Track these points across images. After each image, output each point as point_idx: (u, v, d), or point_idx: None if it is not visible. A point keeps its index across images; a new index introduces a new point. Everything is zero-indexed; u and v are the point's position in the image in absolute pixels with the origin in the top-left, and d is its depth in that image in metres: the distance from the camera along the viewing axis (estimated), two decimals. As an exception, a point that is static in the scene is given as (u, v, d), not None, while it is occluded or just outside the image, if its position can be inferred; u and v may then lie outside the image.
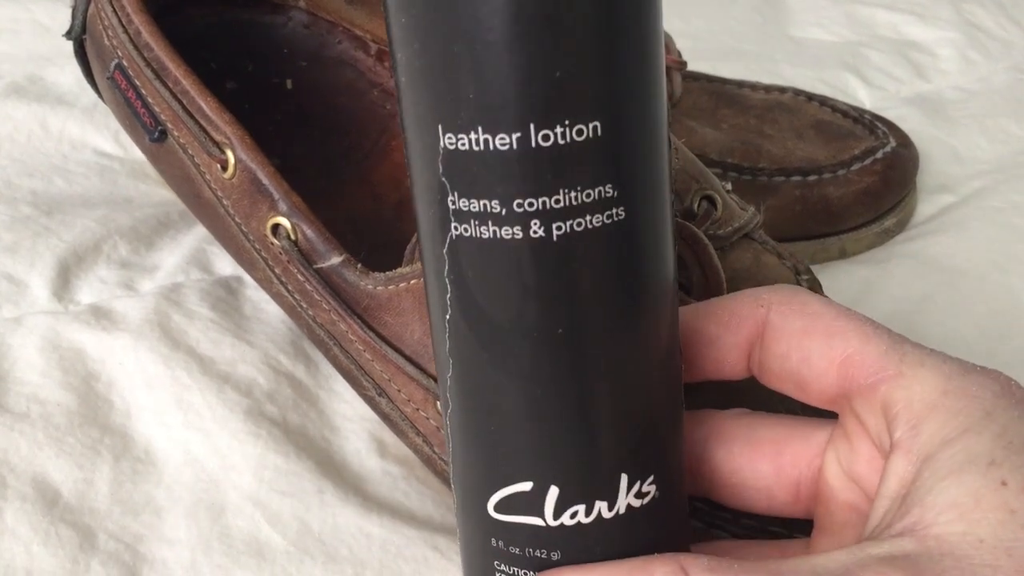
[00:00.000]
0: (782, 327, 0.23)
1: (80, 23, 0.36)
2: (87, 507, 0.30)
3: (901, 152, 0.45)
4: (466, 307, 0.19)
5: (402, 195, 0.39)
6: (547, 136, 0.17)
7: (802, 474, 0.24)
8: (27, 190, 0.43)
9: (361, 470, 0.32)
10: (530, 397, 0.20)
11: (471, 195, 0.18)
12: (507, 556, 0.21)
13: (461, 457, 0.22)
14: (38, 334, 0.35)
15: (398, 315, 0.29)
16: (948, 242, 0.45)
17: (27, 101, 0.48)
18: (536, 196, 0.18)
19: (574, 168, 0.18)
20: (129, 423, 0.33)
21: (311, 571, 0.29)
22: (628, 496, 0.21)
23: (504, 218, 0.18)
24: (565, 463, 0.20)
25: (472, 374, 0.20)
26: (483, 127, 0.17)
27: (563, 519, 0.20)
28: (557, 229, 0.18)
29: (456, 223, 0.19)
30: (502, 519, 0.21)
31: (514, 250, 0.18)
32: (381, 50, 0.40)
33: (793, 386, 0.23)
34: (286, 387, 0.35)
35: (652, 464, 0.21)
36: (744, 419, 0.25)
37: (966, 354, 0.39)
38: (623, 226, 0.19)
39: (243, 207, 0.32)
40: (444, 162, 0.18)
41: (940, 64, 0.61)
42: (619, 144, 0.18)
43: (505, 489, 0.21)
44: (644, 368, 0.20)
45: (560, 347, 0.19)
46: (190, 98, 0.32)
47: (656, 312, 0.20)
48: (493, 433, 0.20)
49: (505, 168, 0.18)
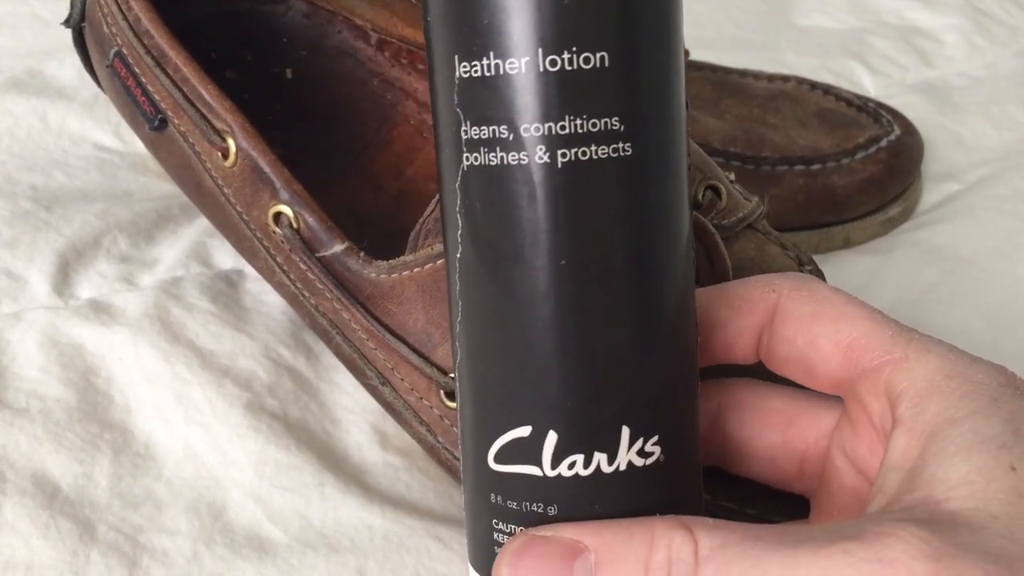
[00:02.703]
0: (791, 311, 0.23)
1: (79, 11, 0.36)
2: (87, 500, 0.30)
3: (905, 140, 0.45)
4: (474, 240, 0.20)
5: (403, 185, 0.39)
6: (555, 62, 0.18)
7: (808, 450, 0.24)
8: (27, 185, 0.43)
9: (362, 462, 0.32)
10: (531, 333, 0.20)
11: (481, 122, 0.19)
12: (505, 512, 0.21)
13: (466, 408, 0.21)
14: (37, 329, 0.35)
15: (401, 303, 0.29)
16: (953, 231, 0.44)
17: (27, 95, 0.48)
18: (543, 121, 0.19)
19: (580, 95, 0.19)
20: (129, 418, 0.33)
21: (313, 563, 0.29)
22: (629, 452, 0.20)
23: (511, 143, 0.19)
24: (564, 406, 0.20)
25: (478, 313, 0.20)
26: (494, 52, 0.18)
27: (561, 469, 0.20)
28: (562, 156, 0.19)
29: (468, 153, 0.19)
30: (501, 470, 0.21)
31: (520, 176, 0.19)
32: (381, 39, 0.40)
33: (799, 370, 0.23)
34: (287, 380, 0.34)
35: (658, 424, 0.21)
36: (756, 388, 0.25)
37: (970, 343, 0.39)
38: (629, 162, 0.19)
39: (244, 195, 0.32)
40: (459, 91, 0.19)
41: (945, 51, 0.60)
42: (627, 77, 0.19)
43: (504, 435, 0.21)
44: (650, 316, 0.20)
45: (562, 280, 0.19)
46: (190, 86, 0.32)
47: (665, 258, 0.20)
48: (495, 375, 0.20)
49: (513, 92, 0.19)
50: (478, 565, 0.22)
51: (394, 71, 0.40)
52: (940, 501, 0.18)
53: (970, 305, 0.41)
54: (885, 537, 0.17)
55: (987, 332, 0.40)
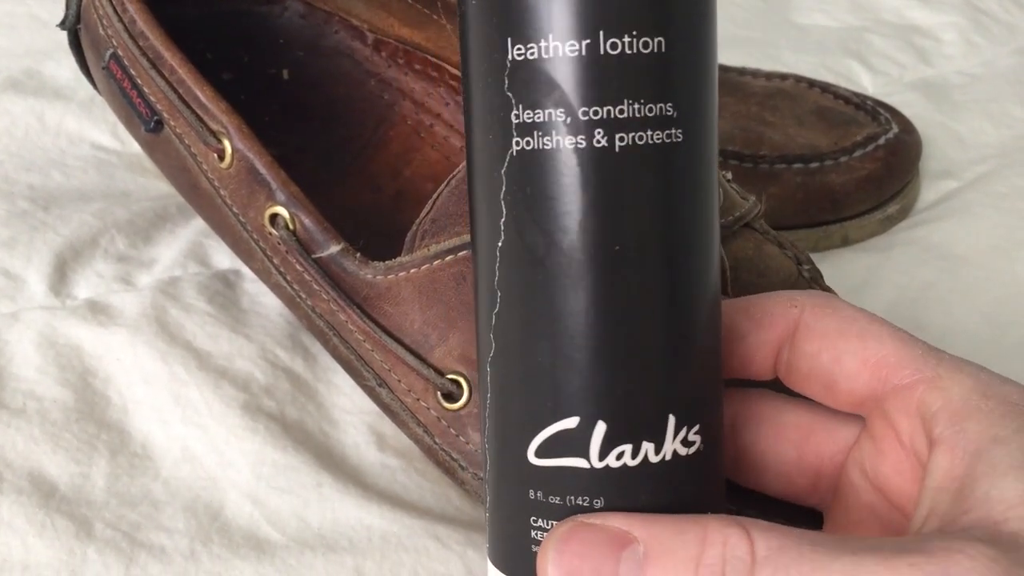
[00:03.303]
0: (815, 327, 0.23)
1: (74, 13, 0.36)
2: (84, 499, 0.30)
3: (904, 138, 0.45)
4: (522, 227, 0.19)
5: (401, 185, 0.39)
6: (615, 45, 0.18)
7: (823, 465, 0.24)
8: (24, 184, 0.43)
9: (360, 463, 0.32)
10: (583, 321, 0.19)
11: (537, 105, 0.19)
12: (546, 508, 0.20)
13: (501, 403, 0.21)
14: (35, 330, 0.35)
15: (397, 304, 0.29)
16: (951, 228, 0.44)
17: (24, 95, 0.48)
18: (601, 104, 0.19)
19: (639, 80, 0.19)
20: (126, 419, 0.33)
21: (311, 563, 0.29)
22: (675, 441, 0.20)
23: (569, 127, 0.19)
24: (614, 395, 0.20)
25: (521, 303, 0.20)
26: (554, 34, 0.18)
27: (609, 460, 0.20)
28: (620, 140, 0.19)
29: (519, 137, 0.19)
30: (543, 464, 0.20)
31: (577, 160, 0.19)
32: (378, 40, 0.40)
33: (821, 387, 0.23)
34: (284, 381, 0.34)
35: (699, 412, 0.21)
36: (773, 401, 0.25)
37: (969, 341, 0.39)
38: (680, 149, 0.19)
39: (240, 197, 0.32)
40: (511, 75, 0.19)
41: (944, 49, 0.60)
42: (681, 64, 0.19)
43: (549, 428, 0.20)
44: (695, 302, 0.20)
45: (617, 266, 0.19)
46: (186, 87, 0.32)
47: (707, 244, 0.20)
48: (540, 365, 0.20)
49: (573, 75, 0.18)
50: (509, 565, 0.22)
51: (391, 71, 0.40)
52: (999, 522, 0.18)
53: (968, 303, 0.41)
54: (954, 553, 0.17)
55: (985, 330, 0.40)
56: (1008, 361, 0.38)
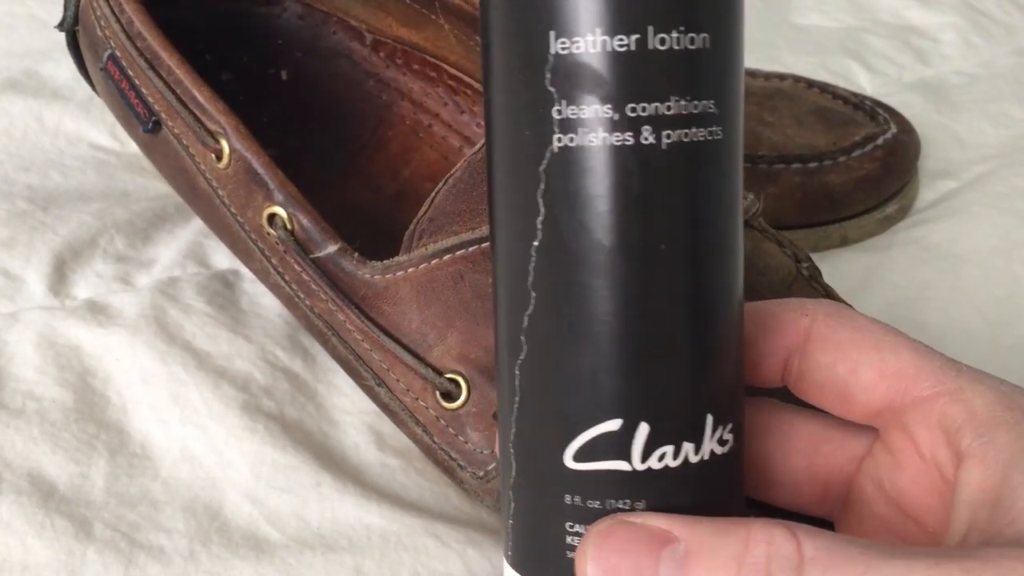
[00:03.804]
0: (829, 337, 0.22)
1: (72, 14, 0.36)
2: (83, 500, 0.30)
3: (902, 138, 0.45)
4: (562, 226, 0.19)
5: (400, 185, 0.39)
6: (664, 40, 0.18)
7: (833, 476, 0.24)
8: (23, 185, 0.43)
9: (359, 463, 0.32)
10: (625, 322, 0.19)
11: (581, 101, 0.18)
12: (584, 513, 0.20)
13: (533, 406, 0.20)
14: (34, 330, 0.35)
15: (396, 304, 0.29)
16: (950, 228, 0.44)
17: (23, 96, 0.48)
18: (649, 101, 0.18)
19: (686, 77, 0.19)
20: (125, 419, 0.33)
21: (311, 562, 0.29)
22: (712, 441, 0.20)
23: (616, 123, 0.18)
24: (657, 396, 0.19)
25: (561, 304, 0.19)
26: (602, 28, 0.18)
27: (651, 462, 0.20)
28: (667, 137, 0.19)
29: (560, 133, 0.19)
30: (582, 468, 0.20)
31: (623, 156, 0.19)
32: (376, 40, 0.40)
33: (835, 398, 0.23)
34: (283, 381, 0.34)
35: (731, 411, 0.21)
36: (781, 411, 0.24)
37: (968, 340, 0.39)
38: (721, 147, 0.19)
39: (239, 197, 0.32)
40: (553, 70, 0.18)
41: (942, 49, 0.60)
42: (723, 62, 0.19)
43: (589, 431, 0.20)
44: (730, 301, 0.20)
45: (662, 264, 0.19)
46: (184, 88, 0.32)
47: (739, 242, 0.20)
48: (581, 367, 0.20)
49: (621, 71, 0.18)
50: (538, 571, 0.21)
51: (389, 72, 0.40)
52: None
53: (967, 302, 0.41)
54: (1010, 560, 0.17)
55: (984, 329, 0.40)
56: (1006, 360, 0.38)
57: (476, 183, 0.28)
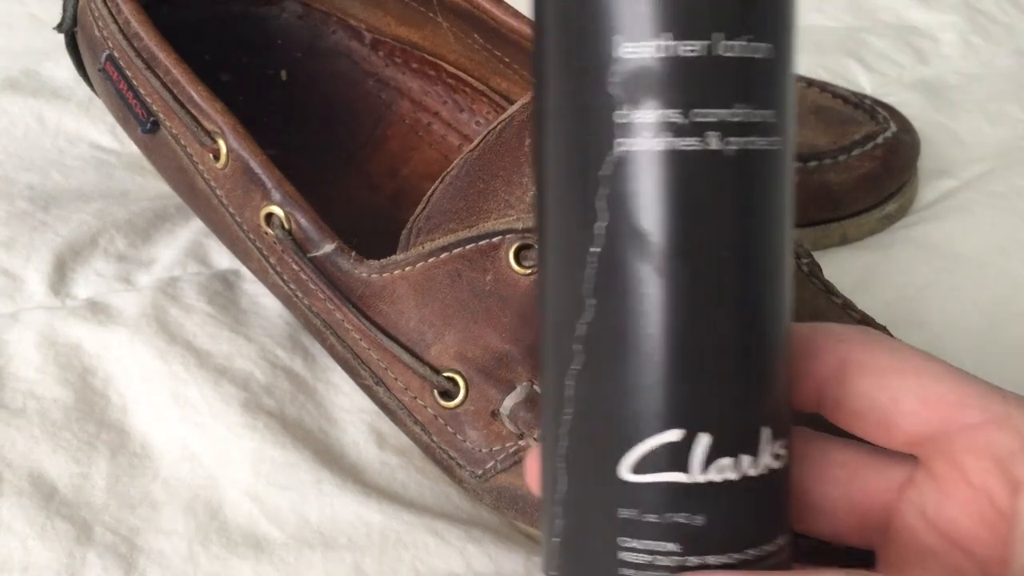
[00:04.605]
0: (869, 364, 0.22)
1: (71, 15, 0.36)
2: (83, 501, 0.30)
3: (902, 137, 0.45)
4: (624, 232, 0.19)
5: (399, 184, 0.39)
6: (731, 47, 0.18)
7: (871, 505, 0.23)
8: (23, 185, 0.43)
9: (359, 461, 0.32)
10: (687, 329, 0.19)
11: (646, 106, 0.18)
12: (640, 528, 0.20)
13: (588, 418, 0.20)
14: (35, 330, 0.35)
15: (393, 303, 0.29)
16: (950, 227, 0.44)
17: (23, 95, 0.48)
18: (716, 107, 0.18)
19: (751, 85, 0.19)
20: (126, 418, 0.33)
21: (310, 560, 0.29)
22: (768, 454, 0.20)
23: (682, 128, 0.18)
24: (718, 407, 0.19)
25: (619, 312, 0.19)
26: (671, 33, 0.18)
27: (710, 474, 0.19)
28: (731, 144, 0.18)
29: (622, 138, 0.19)
30: (638, 481, 0.19)
31: (688, 162, 0.18)
32: (375, 39, 0.40)
33: (875, 426, 0.22)
34: (283, 380, 0.34)
35: (785, 425, 0.20)
36: (816, 440, 0.24)
37: (968, 339, 0.39)
38: (779, 157, 0.19)
39: (236, 197, 0.32)
40: (617, 74, 0.18)
41: (942, 49, 0.60)
42: (783, 72, 0.19)
43: (647, 442, 0.19)
44: (785, 312, 0.20)
45: (723, 272, 0.19)
46: (181, 88, 0.32)
47: (791, 255, 0.20)
48: (640, 378, 0.19)
49: (689, 76, 0.18)
50: None
51: (388, 71, 0.40)
52: None
53: (967, 301, 0.41)
54: None
55: (984, 328, 0.40)
56: (1006, 359, 0.38)
57: (473, 181, 0.28)
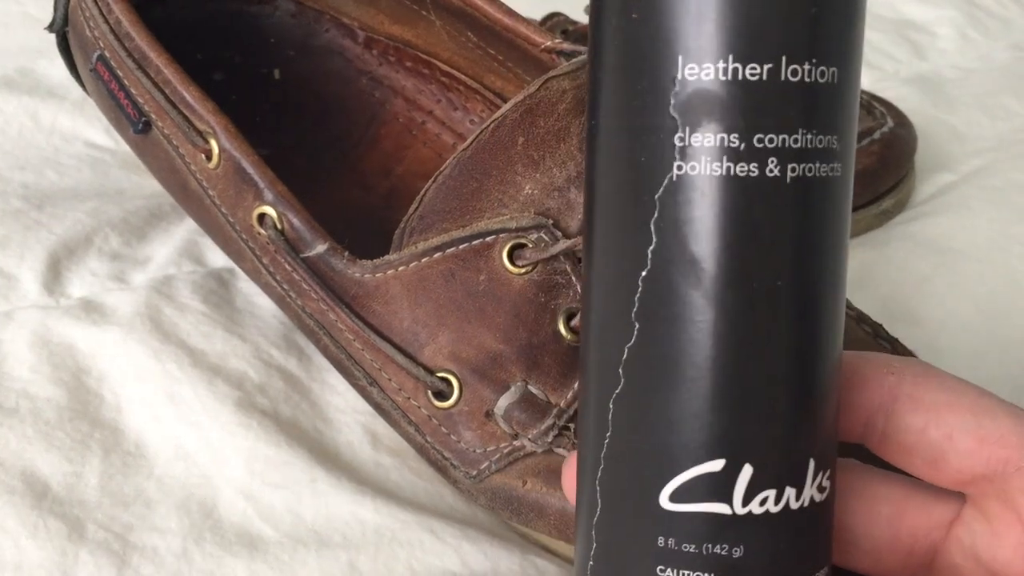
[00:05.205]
0: (921, 399, 0.22)
1: (62, 15, 0.36)
2: (76, 500, 0.30)
3: (899, 132, 0.45)
4: (675, 257, 0.19)
5: (392, 183, 0.39)
6: (796, 72, 0.18)
7: (917, 543, 0.23)
8: (18, 183, 0.43)
9: (353, 461, 0.32)
10: (735, 358, 0.18)
11: (707, 129, 0.18)
12: (678, 558, 0.19)
13: (629, 444, 0.20)
14: (28, 329, 0.35)
15: (386, 303, 0.29)
16: (947, 223, 0.44)
17: (18, 94, 0.48)
18: (777, 132, 0.18)
19: (814, 110, 0.18)
20: (120, 417, 0.33)
21: (304, 558, 0.29)
22: (813, 487, 0.20)
23: (741, 153, 0.18)
24: (763, 438, 0.19)
25: (668, 337, 0.19)
26: (735, 56, 0.18)
27: (752, 506, 0.19)
28: (791, 171, 0.18)
29: (681, 161, 0.18)
30: (678, 510, 0.19)
31: (747, 188, 0.18)
32: (369, 38, 0.40)
33: (924, 462, 0.22)
34: (277, 380, 0.34)
35: (830, 457, 0.20)
36: (862, 473, 0.23)
37: (965, 335, 0.39)
38: (839, 184, 0.19)
39: (229, 197, 0.32)
40: (679, 96, 0.18)
41: (939, 43, 0.60)
42: (846, 97, 0.19)
43: (689, 472, 0.19)
44: (836, 342, 0.20)
45: (777, 301, 0.19)
46: (172, 88, 0.32)
47: (844, 287, 0.20)
48: (684, 405, 0.19)
49: (751, 100, 0.18)
50: None
51: (382, 69, 0.40)
52: None
53: (964, 296, 0.41)
54: None
55: (981, 323, 0.40)
56: (1004, 355, 0.38)
57: (466, 180, 0.28)
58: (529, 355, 0.28)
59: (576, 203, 0.27)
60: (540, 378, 0.28)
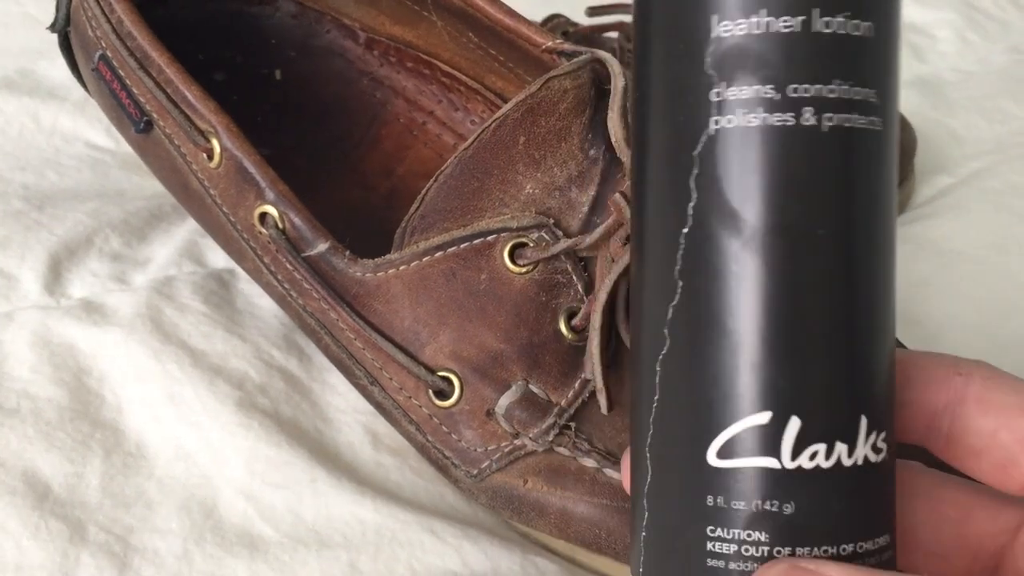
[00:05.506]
0: (991, 401, 0.21)
1: (64, 15, 0.36)
2: (77, 501, 0.30)
3: (899, 135, 0.45)
4: (716, 210, 0.19)
5: (393, 183, 0.39)
6: (828, 23, 0.18)
7: (983, 547, 0.22)
8: (19, 184, 0.43)
9: (354, 461, 0.32)
10: (778, 309, 0.18)
11: (743, 82, 0.18)
12: (727, 516, 0.19)
13: (675, 404, 0.20)
14: (29, 329, 0.35)
15: (387, 302, 0.29)
16: (947, 225, 0.44)
17: (18, 95, 0.48)
18: (812, 83, 0.18)
19: (849, 61, 0.18)
20: (120, 417, 0.33)
21: (305, 559, 0.29)
22: (866, 446, 0.19)
23: (777, 103, 0.18)
24: (810, 390, 0.19)
25: (712, 293, 0.19)
26: (768, 9, 0.18)
27: (802, 460, 0.19)
28: (827, 120, 0.18)
29: (719, 115, 0.19)
30: (726, 466, 0.19)
31: (783, 137, 0.18)
32: (370, 38, 0.40)
33: (993, 466, 0.21)
34: (278, 380, 0.34)
35: (886, 419, 0.20)
36: (928, 476, 0.23)
37: (965, 336, 0.39)
38: (880, 138, 0.19)
39: (230, 196, 0.32)
40: (714, 51, 0.19)
41: (938, 46, 0.60)
42: (884, 52, 0.19)
43: (736, 425, 0.19)
44: (887, 298, 0.20)
45: (817, 250, 0.19)
46: (174, 87, 0.32)
47: (894, 238, 0.20)
48: (729, 358, 0.19)
49: (785, 51, 0.18)
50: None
51: (383, 70, 0.40)
52: None
53: (964, 298, 0.41)
54: None
55: (981, 325, 0.40)
56: (1004, 355, 0.38)
57: (467, 180, 0.28)
58: (530, 354, 0.28)
59: (576, 203, 0.27)
60: (541, 377, 0.28)
